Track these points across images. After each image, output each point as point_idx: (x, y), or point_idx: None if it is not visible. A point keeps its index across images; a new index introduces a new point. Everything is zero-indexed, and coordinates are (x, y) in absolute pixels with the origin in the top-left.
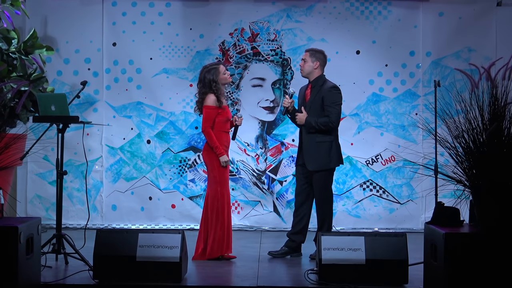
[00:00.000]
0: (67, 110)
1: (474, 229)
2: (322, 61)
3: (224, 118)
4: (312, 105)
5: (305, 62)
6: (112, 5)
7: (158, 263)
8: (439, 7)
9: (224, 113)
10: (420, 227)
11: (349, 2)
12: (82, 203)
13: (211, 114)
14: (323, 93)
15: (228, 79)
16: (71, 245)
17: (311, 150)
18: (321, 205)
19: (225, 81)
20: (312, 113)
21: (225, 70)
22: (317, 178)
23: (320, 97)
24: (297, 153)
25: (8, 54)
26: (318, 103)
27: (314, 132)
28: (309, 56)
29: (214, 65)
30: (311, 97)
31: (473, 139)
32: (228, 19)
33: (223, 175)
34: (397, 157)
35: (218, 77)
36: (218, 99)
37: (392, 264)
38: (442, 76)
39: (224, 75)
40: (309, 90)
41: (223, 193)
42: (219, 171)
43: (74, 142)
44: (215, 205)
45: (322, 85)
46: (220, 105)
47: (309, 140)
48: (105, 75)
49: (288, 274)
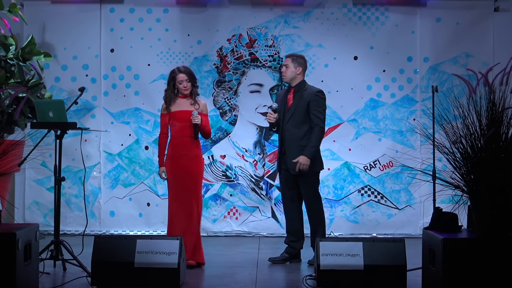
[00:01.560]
0: (65, 116)
1: (472, 234)
2: (304, 66)
3: (177, 122)
4: (296, 109)
5: (288, 68)
6: (110, 11)
7: (156, 269)
8: (437, 13)
9: (175, 118)
10: (418, 232)
11: (347, 8)
12: (80, 209)
13: (160, 120)
14: (308, 97)
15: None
16: (69, 252)
17: (295, 155)
18: (312, 207)
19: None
20: (296, 117)
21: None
22: (303, 181)
23: (305, 102)
24: (278, 159)
25: (6, 61)
26: (303, 108)
27: (299, 138)
28: (291, 61)
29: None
30: (294, 102)
31: (471, 144)
32: (226, 25)
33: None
34: (395, 162)
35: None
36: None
37: (391, 270)
38: (440, 82)
39: (180, 84)
40: (292, 95)
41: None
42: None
43: (72, 148)
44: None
45: (305, 90)
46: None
47: (292, 145)
48: (103, 81)
49: (286, 280)
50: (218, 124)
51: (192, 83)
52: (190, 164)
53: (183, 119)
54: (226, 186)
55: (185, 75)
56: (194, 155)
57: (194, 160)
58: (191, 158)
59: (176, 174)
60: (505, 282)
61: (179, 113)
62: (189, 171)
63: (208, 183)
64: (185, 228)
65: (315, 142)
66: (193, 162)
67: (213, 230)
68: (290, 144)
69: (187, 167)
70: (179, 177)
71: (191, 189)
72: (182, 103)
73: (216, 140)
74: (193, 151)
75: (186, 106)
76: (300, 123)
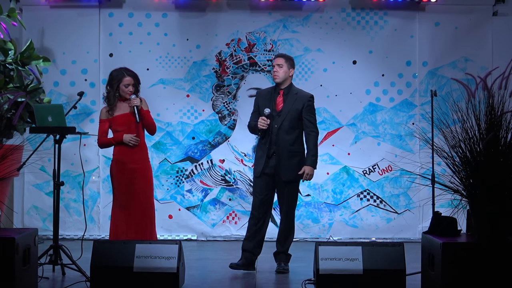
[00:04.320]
0: (64, 121)
1: (471, 238)
2: (294, 69)
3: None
4: (289, 114)
5: (281, 68)
6: (109, 16)
7: (155, 274)
8: (435, 17)
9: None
10: (417, 236)
11: (346, 12)
12: (79, 214)
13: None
14: (302, 102)
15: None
16: (68, 256)
17: (285, 160)
18: (290, 215)
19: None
20: (287, 122)
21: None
22: (290, 188)
23: (298, 107)
24: (259, 163)
25: (5, 65)
26: (296, 113)
27: (290, 144)
28: (285, 61)
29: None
30: (286, 106)
31: (470, 148)
32: (224, 29)
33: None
34: (394, 166)
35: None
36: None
37: (390, 274)
38: (439, 86)
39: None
40: (281, 98)
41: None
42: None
43: (71, 153)
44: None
45: (296, 94)
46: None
47: (283, 149)
48: (102, 86)
49: (285, 284)
50: (217, 129)
51: (137, 88)
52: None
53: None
54: (225, 190)
55: (132, 78)
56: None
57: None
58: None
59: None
60: (504, 287)
61: (121, 117)
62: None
63: (207, 188)
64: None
65: (315, 150)
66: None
67: (212, 235)
68: (282, 149)
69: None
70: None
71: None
72: (122, 107)
73: (215, 145)
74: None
75: (127, 109)
76: (292, 129)
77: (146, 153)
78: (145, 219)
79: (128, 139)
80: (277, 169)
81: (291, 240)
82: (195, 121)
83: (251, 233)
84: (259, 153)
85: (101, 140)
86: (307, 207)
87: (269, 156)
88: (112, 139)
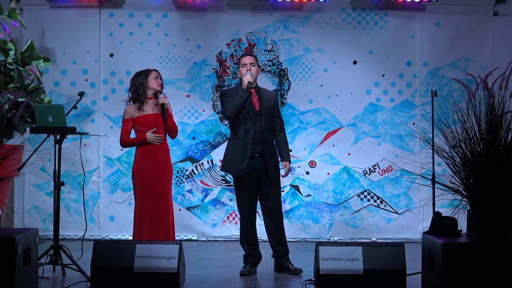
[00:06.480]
0: (64, 121)
1: (472, 239)
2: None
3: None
4: (266, 113)
5: (254, 66)
6: (109, 16)
7: (155, 274)
8: (436, 17)
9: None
10: (418, 237)
11: (346, 12)
12: (79, 214)
13: (122, 126)
14: (272, 100)
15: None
16: (69, 256)
17: (270, 158)
18: (279, 214)
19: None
20: (266, 120)
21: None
22: (276, 185)
23: (271, 104)
24: (238, 161)
25: (6, 65)
26: (271, 111)
27: (271, 142)
28: (256, 60)
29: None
30: (262, 106)
31: (470, 148)
32: (225, 29)
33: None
34: (395, 167)
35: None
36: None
37: (390, 274)
38: (439, 86)
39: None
40: (256, 97)
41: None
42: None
43: (72, 153)
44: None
45: (265, 91)
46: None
47: (268, 146)
48: (102, 86)
49: (286, 285)
50: (218, 129)
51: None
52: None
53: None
54: (226, 190)
55: (158, 72)
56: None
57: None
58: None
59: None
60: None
61: (145, 117)
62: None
63: (207, 188)
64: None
65: (285, 140)
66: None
67: (212, 235)
68: (266, 148)
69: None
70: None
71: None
72: (148, 107)
73: (215, 145)
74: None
75: (153, 109)
76: (271, 126)
77: (168, 154)
78: (168, 219)
79: (153, 138)
80: (265, 168)
81: (285, 239)
82: (196, 121)
83: (247, 234)
84: (237, 151)
85: (124, 139)
86: (307, 207)
87: (255, 155)
88: (135, 139)
